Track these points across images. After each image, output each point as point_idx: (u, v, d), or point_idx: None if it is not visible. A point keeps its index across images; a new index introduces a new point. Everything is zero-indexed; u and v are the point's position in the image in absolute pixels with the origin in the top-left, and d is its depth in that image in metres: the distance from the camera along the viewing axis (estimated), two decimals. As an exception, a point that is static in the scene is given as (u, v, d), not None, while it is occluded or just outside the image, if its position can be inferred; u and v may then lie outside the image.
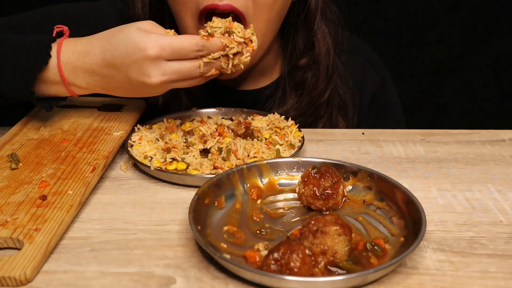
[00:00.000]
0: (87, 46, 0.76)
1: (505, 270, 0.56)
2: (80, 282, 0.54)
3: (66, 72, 0.76)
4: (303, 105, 0.97)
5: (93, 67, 0.75)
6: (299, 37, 0.96)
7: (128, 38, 0.72)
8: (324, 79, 0.96)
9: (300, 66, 0.96)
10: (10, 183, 0.67)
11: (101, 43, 0.75)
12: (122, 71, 0.73)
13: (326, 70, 0.96)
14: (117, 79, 0.75)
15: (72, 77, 0.76)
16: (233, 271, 0.54)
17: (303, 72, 0.97)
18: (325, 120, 0.98)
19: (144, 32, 0.72)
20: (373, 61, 1.07)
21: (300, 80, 0.97)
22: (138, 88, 0.74)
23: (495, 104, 1.82)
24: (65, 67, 0.76)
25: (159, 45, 0.70)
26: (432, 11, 1.69)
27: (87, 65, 0.75)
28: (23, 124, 0.84)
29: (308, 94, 0.97)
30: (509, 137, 0.88)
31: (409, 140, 0.87)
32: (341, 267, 0.54)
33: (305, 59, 0.96)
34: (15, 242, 0.57)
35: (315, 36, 0.95)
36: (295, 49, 0.97)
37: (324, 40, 0.95)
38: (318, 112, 0.98)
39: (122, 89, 0.76)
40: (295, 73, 0.98)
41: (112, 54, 0.73)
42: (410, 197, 0.62)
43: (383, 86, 1.06)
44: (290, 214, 0.66)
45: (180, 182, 0.72)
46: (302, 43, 0.96)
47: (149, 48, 0.70)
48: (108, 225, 0.64)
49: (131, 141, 0.80)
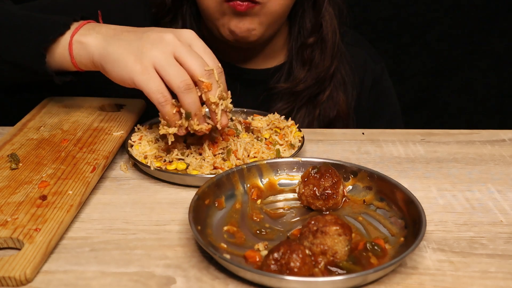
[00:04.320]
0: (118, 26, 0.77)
1: (505, 270, 0.56)
2: (80, 282, 0.54)
3: (79, 33, 0.76)
4: (309, 80, 1.02)
5: (114, 26, 0.76)
6: (307, 18, 1.02)
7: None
8: (330, 56, 1.02)
9: (308, 45, 1.02)
10: (10, 183, 0.67)
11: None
12: (140, 30, 0.74)
13: (332, 48, 1.02)
14: (125, 35, 0.74)
15: (81, 35, 0.76)
16: (233, 271, 0.54)
17: (311, 50, 1.02)
18: (328, 94, 1.04)
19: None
20: (372, 53, 1.14)
21: (308, 57, 1.02)
22: (139, 49, 0.72)
23: (495, 104, 1.82)
24: (80, 31, 0.76)
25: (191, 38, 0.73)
26: (432, 11, 1.69)
27: (108, 26, 0.76)
28: (23, 124, 0.84)
29: (315, 69, 1.02)
30: (509, 137, 0.88)
31: (409, 140, 0.87)
32: (341, 267, 0.54)
33: (312, 38, 1.01)
34: (15, 242, 0.57)
35: (323, 18, 1.00)
36: (303, 29, 1.03)
37: (331, 21, 1.01)
38: (323, 84, 1.03)
39: (121, 47, 0.73)
40: (303, 51, 1.03)
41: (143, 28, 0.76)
42: (410, 197, 0.62)
43: (382, 75, 1.13)
44: (290, 214, 0.66)
45: (180, 182, 0.72)
46: (310, 24, 1.02)
47: (186, 31, 0.74)
48: (108, 225, 0.64)
49: (131, 141, 0.80)
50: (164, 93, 0.70)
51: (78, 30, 0.77)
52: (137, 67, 0.70)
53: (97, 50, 0.74)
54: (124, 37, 0.74)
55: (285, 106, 1.04)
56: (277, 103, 1.04)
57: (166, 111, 0.71)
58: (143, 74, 0.70)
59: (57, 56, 0.78)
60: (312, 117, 1.05)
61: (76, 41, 0.76)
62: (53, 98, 0.93)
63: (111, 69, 0.73)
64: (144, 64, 0.70)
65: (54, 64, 0.79)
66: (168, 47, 0.71)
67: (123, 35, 0.74)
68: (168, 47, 0.71)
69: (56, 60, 0.79)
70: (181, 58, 0.71)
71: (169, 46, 0.71)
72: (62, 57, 0.78)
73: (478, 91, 1.80)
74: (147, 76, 0.70)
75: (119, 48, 0.73)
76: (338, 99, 1.05)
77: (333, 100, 1.05)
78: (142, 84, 0.70)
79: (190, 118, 0.72)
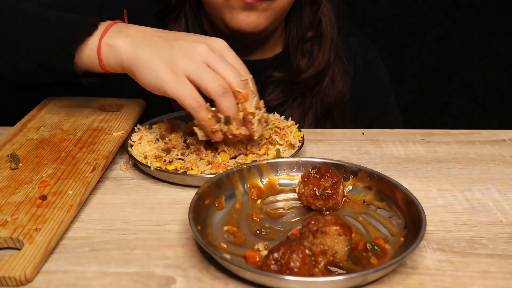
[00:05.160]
0: (146, 27, 0.76)
1: (505, 270, 0.56)
2: (80, 282, 0.54)
3: (108, 35, 0.75)
4: (308, 72, 1.04)
5: (143, 29, 0.75)
6: (304, 11, 1.04)
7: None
8: (328, 50, 1.04)
9: (307, 38, 1.04)
10: (10, 183, 0.67)
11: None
12: (171, 36, 0.73)
13: (331, 43, 1.04)
14: (156, 40, 0.73)
15: (110, 38, 0.75)
16: (233, 271, 0.54)
17: (310, 44, 1.04)
18: (325, 84, 1.06)
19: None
20: (364, 41, 1.16)
21: (307, 50, 1.04)
22: (171, 58, 0.71)
23: (495, 104, 1.82)
24: (109, 33, 0.75)
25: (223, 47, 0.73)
26: (432, 11, 1.69)
27: (137, 28, 0.75)
28: (23, 124, 0.84)
29: (314, 62, 1.04)
30: (509, 137, 0.88)
31: (409, 140, 0.87)
32: (341, 267, 0.54)
33: (311, 32, 1.03)
34: (15, 242, 0.57)
35: (322, 13, 1.02)
36: (301, 22, 1.05)
37: (330, 16, 1.03)
38: (320, 76, 1.05)
39: (151, 53, 0.72)
40: (303, 44, 1.05)
41: (172, 32, 0.76)
42: (410, 197, 0.62)
43: (374, 60, 1.15)
44: (290, 214, 0.66)
45: (180, 182, 0.72)
46: (308, 18, 1.04)
47: (218, 41, 0.73)
48: (108, 225, 0.64)
49: (131, 141, 0.80)
50: (197, 99, 0.70)
51: (106, 31, 0.75)
52: (168, 76, 0.70)
53: (127, 54, 0.73)
54: (155, 43, 0.73)
55: (280, 95, 1.05)
56: (273, 92, 1.06)
57: (201, 116, 0.70)
58: (175, 83, 0.70)
59: (85, 57, 0.76)
60: (309, 106, 1.06)
61: (105, 44, 0.75)
62: (53, 98, 0.93)
63: (141, 75, 0.72)
64: (177, 73, 0.70)
65: (81, 65, 0.77)
66: (201, 57, 0.70)
67: (153, 40, 0.73)
68: (201, 57, 0.70)
69: (83, 62, 0.77)
70: (215, 68, 0.70)
71: (202, 56, 0.71)
72: (90, 59, 0.76)
73: (478, 91, 1.80)
74: (179, 84, 0.70)
75: (149, 55, 0.72)
76: (335, 89, 1.07)
77: (330, 89, 1.06)
78: (173, 92, 0.70)
79: (229, 122, 0.71)
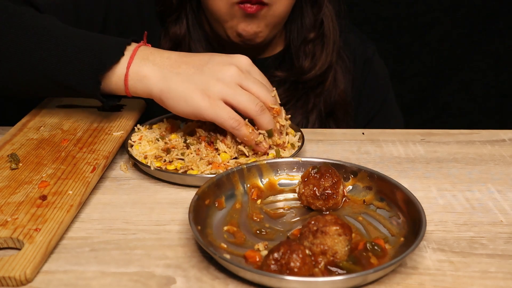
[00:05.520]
0: (170, 52, 0.77)
1: (505, 270, 0.56)
2: (80, 282, 0.54)
3: (135, 63, 0.75)
4: (311, 73, 1.05)
5: (167, 55, 0.76)
6: (306, 13, 1.04)
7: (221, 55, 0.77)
8: (331, 51, 1.05)
9: (309, 40, 1.05)
10: (10, 183, 0.67)
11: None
12: (197, 62, 0.75)
13: (333, 44, 1.05)
14: (184, 68, 0.74)
15: (137, 66, 0.75)
16: (233, 271, 0.54)
17: (313, 45, 1.05)
18: (328, 84, 1.07)
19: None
20: (363, 38, 1.17)
21: (310, 51, 1.05)
22: (203, 84, 0.72)
23: (495, 104, 1.82)
24: (135, 60, 0.75)
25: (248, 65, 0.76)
26: (432, 11, 1.69)
27: (162, 55, 0.76)
28: (23, 124, 0.84)
29: (317, 63, 1.05)
30: (509, 137, 0.88)
31: (409, 140, 0.87)
32: (341, 267, 0.54)
33: (313, 33, 1.04)
34: (15, 242, 0.57)
35: (324, 14, 1.03)
36: (302, 23, 1.05)
37: (332, 17, 1.04)
38: (323, 76, 1.06)
39: (184, 82, 0.73)
40: (305, 45, 1.05)
41: (196, 54, 0.77)
42: (410, 197, 0.62)
43: (373, 56, 1.16)
44: (290, 214, 0.66)
45: (180, 182, 0.72)
46: (310, 19, 1.05)
47: (242, 59, 0.76)
48: (108, 225, 0.64)
49: (131, 141, 0.80)
50: (236, 118, 0.73)
51: (133, 59, 0.75)
52: (205, 103, 0.72)
53: (157, 85, 0.74)
54: (183, 71, 0.74)
55: (283, 95, 1.06)
56: (276, 91, 1.05)
57: (244, 133, 0.74)
58: (212, 107, 0.72)
59: (112, 85, 0.76)
60: (312, 106, 1.07)
61: (133, 72, 0.74)
62: (53, 98, 0.93)
63: (174, 105, 0.74)
64: (213, 98, 0.72)
65: (105, 90, 0.77)
66: (232, 79, 0.73)
67: (182, 68, 0.74)
68: (233, 79, 0.73)
69: (109, 88, 0.76)
70: (248, 88, 0.74)
71: (234, 78, 0.73)
72: (116, 85, 0.76)
73: (478, 91, 1.80)
74: (216, 108, 0.72)
75: (181, 84, 0.73)
76: (338, 88, 1.08)
77: (333, 89, 1.07)
78: (213, 116, 0.72)
79: (272, 135, 0.76)
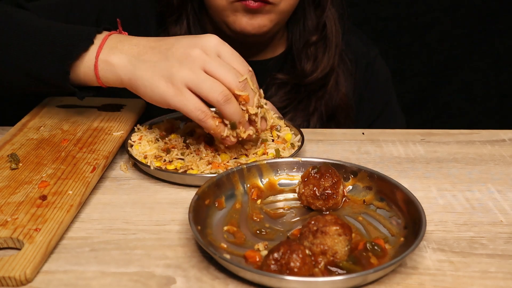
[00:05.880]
0: (140, 38, 0.76)
1: (505, 270, 0.56)
2: (80, 282, 0.54)
3: (103, 53, 0.74)
4: (313, 75, 1.05)
5: (136, 41, 0.75)
6: (309, 15, 1.05)
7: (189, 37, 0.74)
8: (333, 54, 1.05)
9: (312, 42, 1.05)
10: (10, 183, 0.67)
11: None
12: (163, 46, 0.73)
13: (336, 47, 1.05)
14: (150, 54, 0.73)
15: (105, 55, 0.74)
16: (233, 271, 0.54)
17: (315, 48, 1.05)
18: (330, 87, 1.07)
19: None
20: (364, 40, 1.17)
21: (312, 54, 1.05)
22: (167, 71, 0.70)
23: (495, 104, 1.82)
24: (104, 49, 0.74)
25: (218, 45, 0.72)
26: (432, 11, 1.69)
27: (130, 42, 0.75)
28: (23, 124, 0.84)
29: (319, 65, 1.05)
30: (509, 137, 0.88)
31: (409, 140, 0.87)
32: (341, 267, 0.54)
33: (316, 36, 1.04)
34: (15, 242, 0.57)
35: (327, 17, 1.03)
36: (305, 26, 1.06)
37: (334, 19, 1.04)
38: (325, 79, 1.06)
39: (148, 70, 0.72)
40: (307, 48, 1.05)
41: (164, 39, 0.75)
42: (410, 197, 0.62)
43: (375, 59, 1.16)
44: (290, 214, 0.66)
45: (180, 181, 0.72)
46: (312, 22, 1.05)
47: (210, 39, 0.72)
48: (108, 225, 0.64)
49: (131, 141, 0.80)
50: (202, 109, 0.70)
51: (102, 48, 0.74)
52: (170, 90, 0.70)
53: (125, 74, 0.73)
54: (149, 58, 0.72)
55: (284, 98, 1.06)
56: (277, 93, 1.07)
57: (209, 125, 0.71)
58: (177, 96, 0.70)
59: (81, 74, 0.75)
60: (313, 109, 1.07)
61: (102, 61, 0.74)
62: (53, 98, 0.93)
63: (143, 93, 0.73)
64: (177, 86, 0.69)
65: (77, 80, 0.76)
66: (197, 63, 0.70)
67: (148, 55, 0.73)
68: (197, 63, 0.70)
69: (80, 78, 0.76)
70: (213, 72, 0.70)
71: (198, 62, 0.70)
72: (86, 75, 0.75)
73: (478, 91, 1.80)
74: (182, 97, 0.70)
75: (147, 72, 0.71)
76: (339, 92, 1.07)
77: (334, 92, 1.07)
78: (178, 106, 0.70)
79: (236, 127, 0.72)
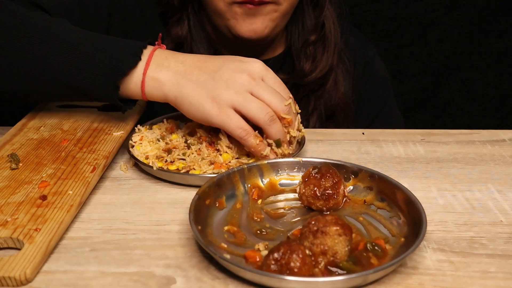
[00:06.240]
0: (185, 55, 0.77)
1: (505, 270, 0.56)
2: (80, 282, 0.54)
3: (151, 69, 0.75)
4: (312, 75, 1.05)
5: (182, 58, 0.76)
6: (307, 15, 1.05)
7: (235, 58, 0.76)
8: (332, 54, 1.05)
9: (310, 42, 1.05)
10: (10, 183, 0.67)
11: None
12: (210, 67, 0.74)
13: (335, 47, 1.05)
14: (197, 74, 0.74)
15: (153, 72, 0.75)
16: (233, 271, 0.54)
17: (314, 48, 1.05)
18: (328, 87, 1.07)
19: None
20: (363, 40, 1.17)
21: (311, 53, 1.06)
22: (214, 91, 0.72)
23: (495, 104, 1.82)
24: (151, 65, 0.75)
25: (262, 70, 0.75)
26: (432, 11, 1.69)
27: (177, 59, 0.76)
28: (23, 124, 0.84)
29: (318, 65, 1.05)
30: (509, 137, 0.88)
31: (409, 140, 0.87)
32: (341, 267, 0.54)
33: (314, 35, 1.05)
34: (15, 242, 0.57)
35: (325, 17, 1.04)
36: (303, 25, 1.06)
37: (332, 19, 1.05)
38: (324, 79, 1.07)
39: (196, 90, 0.73)
40: (306, 47, 1.06)
41: (209, 59, 0.76)
42: (410, 197, 0.62)
43: (373, 59, 1.16)
44: (291, 214, 0.66)
45: (182, 182, 0.72)
46: (311, 21, 1.05)
47: (256, 65, 0.75)
48: (108, 225, 0.64)
49: (132, 142, 0.80)
50: (244, 127, 0.72)
51: (149, 64, 0.75)
52: (214, 109, 0.72)
53: (172, 92, 0.74)
54: (196, 77, 0.73)
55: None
56: None
57: (250, 143, 0.73)
58: (221, 115, 0.72)
59: (129, 90, 0.76)
60: (313, 109, 1.08)
61: (149, 78, 0.74)
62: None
63: (187, 110, 0.74)
64: (222, 106, 0.71)
65: (122, 94, 0.77)
66: (243, 87, 0.72)
67: (194, 74, 0.74)
68: (243, 87, 0.72)
69: (125, 92, 0.76)
70: (260, 95, 0.73)
71: (244, 86, 0.72)
72: (133, 91, 0.76)
73: (478, 91, 1.80)
74: (225, 116, 0.71)
75: (193, 91, 0.73)
76: (338, 91, 1.08)
77: (333, 92, 1.07)
78: (220, 124, 0.72)
79: (280, 145, 0.75)
